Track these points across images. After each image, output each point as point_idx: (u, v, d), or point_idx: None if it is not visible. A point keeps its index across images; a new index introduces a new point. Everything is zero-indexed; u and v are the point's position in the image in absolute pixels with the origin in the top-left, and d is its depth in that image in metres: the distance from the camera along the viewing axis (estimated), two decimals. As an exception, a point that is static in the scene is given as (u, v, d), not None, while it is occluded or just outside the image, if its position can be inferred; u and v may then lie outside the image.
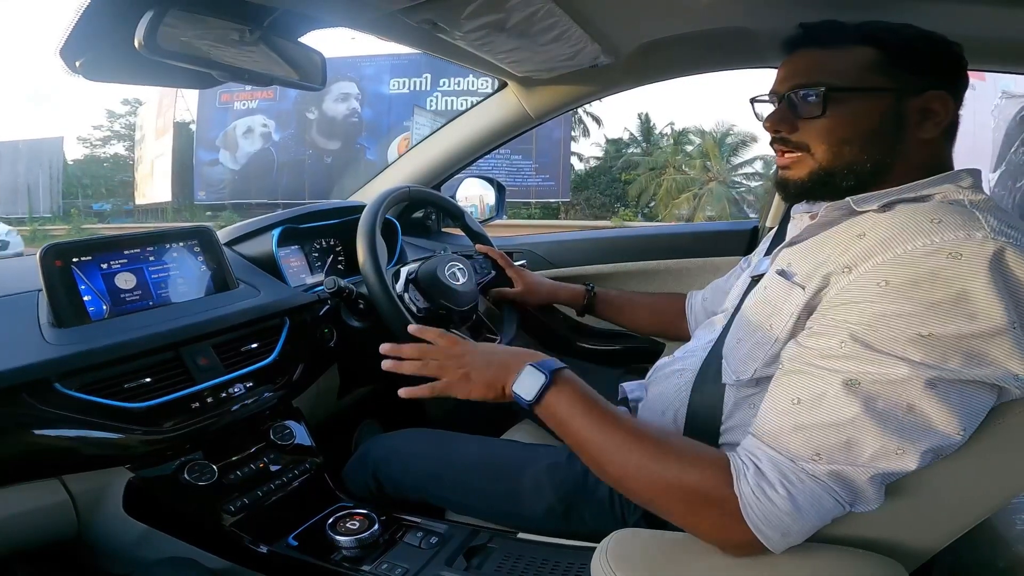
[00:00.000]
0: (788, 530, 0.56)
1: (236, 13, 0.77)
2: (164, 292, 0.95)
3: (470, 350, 0.76)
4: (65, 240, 0.87)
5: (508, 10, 0.86)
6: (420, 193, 1.19)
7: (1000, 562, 0.80)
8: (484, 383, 0.73)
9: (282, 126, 16.50)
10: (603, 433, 0.64)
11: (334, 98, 15.88)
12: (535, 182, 15.40)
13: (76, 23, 0.68)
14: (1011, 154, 0.84)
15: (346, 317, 1.12)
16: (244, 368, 0.96)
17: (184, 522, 0.87)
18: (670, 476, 0.60)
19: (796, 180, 0.69)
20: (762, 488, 0.56)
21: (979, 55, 0.86)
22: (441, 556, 0.81)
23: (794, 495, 0.55)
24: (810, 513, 0.56)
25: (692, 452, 0.62)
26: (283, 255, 1.18)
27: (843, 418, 0.55)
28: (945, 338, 0.53)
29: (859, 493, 0.56)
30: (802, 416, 0.57)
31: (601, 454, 0.64)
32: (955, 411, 0.53)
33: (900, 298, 0.54)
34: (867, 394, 0.54)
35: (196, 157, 16.93)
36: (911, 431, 0.54)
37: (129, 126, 21.83)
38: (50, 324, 0.82)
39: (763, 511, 0.56)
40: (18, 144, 19.10)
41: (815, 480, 0.56)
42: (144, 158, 18.56)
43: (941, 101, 0.64)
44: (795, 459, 0.56)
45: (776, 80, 0.71)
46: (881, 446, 0.54)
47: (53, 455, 0.78)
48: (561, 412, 0.67)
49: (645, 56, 1.15)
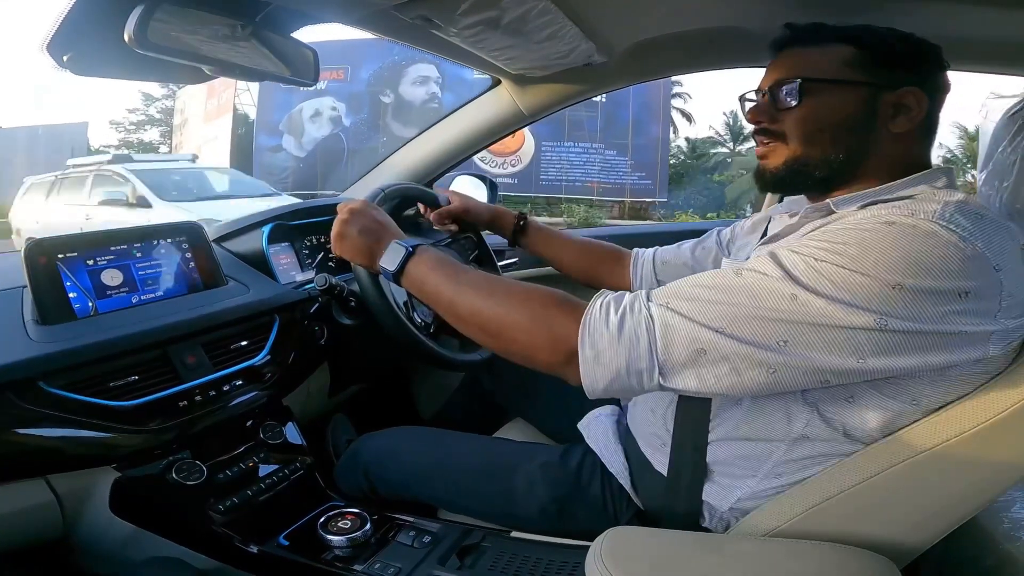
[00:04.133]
0: (600, 354, 0.60)
1: (228, 8, 0.76)
2: (151, 289, 0.94)
3: (354, 219, 0.83)
4: (50, 236, 0.85)
5: (503, 7, 0.86)
6: (401, 189, 1.16)
7: (988, 559, 0.81)
8: (355, 248, 0.83)
9: (353, 110, 14.74)
10: (456, 282, 0.73)
11: (412, 81, 14.30)
12: (631, 180, 14.21)
13: (64, 17, 0.67)
14: (997, 154, 0.85)
15: (337, 315, 1.11)
16: (233, 366, 0.95)
17: (172, 522, 0.85)
18: (529, 288, 0.69)
19: (771, 168, 0.72)
20: (608, 308, 0.62)
21: (962, 56, 0.88)
22: (434, 555, 0.81)
23: (624, 322, 0.60)
24: (624, 347, 0.60)
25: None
26: (273, 252, 1.17)
27: (723, 290, 0.59)
28: (834, 270, 0.56)
29: (671, 352, 0.59)
30: (693, 286, 0.61)
31: (456, 296, 0.72)
32: (815, 344, 0.56)
33: (820, 238, 0.59)
34: (750, 287, 0.58)
35: (256, 142, 15.11)
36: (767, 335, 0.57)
37: (166, 110, 20.20)
38: (35, 321, 0.81)
39: (594, 325, 0.61)
40: (38, 129, 17.46)
41: (649, 318, 0.60)
42: (185, 144, 16.80)
43: (915, 97, 0.66)
44: (651, 297, 0.62)
45: (762, 79, 0.75)
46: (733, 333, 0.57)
47: (38, 455, 0.77)
48: (420, 275, 0.76)
49: (639, 54, 1.16)
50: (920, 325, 0.54)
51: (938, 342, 0.55)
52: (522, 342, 0.66)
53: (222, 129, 15.70)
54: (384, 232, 0.82)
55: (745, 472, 0.70)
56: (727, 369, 0.58)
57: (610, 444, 0.83)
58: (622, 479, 0.80)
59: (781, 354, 0.56)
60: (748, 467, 0.70)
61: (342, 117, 14.76)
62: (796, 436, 0.66)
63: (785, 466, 0.68)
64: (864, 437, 0.64)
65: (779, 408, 0.66)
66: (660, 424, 0.78)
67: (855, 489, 0.62)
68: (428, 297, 0.76)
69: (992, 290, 0.55)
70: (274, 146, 14.98)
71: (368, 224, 0.83)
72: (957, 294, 0.54)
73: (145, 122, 21.31)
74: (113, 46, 0.68)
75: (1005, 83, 7.07)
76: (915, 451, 0.60)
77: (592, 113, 13.02)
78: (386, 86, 14.35)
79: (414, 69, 14.30)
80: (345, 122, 14.74)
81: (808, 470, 0.67)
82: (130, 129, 21.45)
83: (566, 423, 0.94)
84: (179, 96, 17.96)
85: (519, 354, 0.68)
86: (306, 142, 14.84)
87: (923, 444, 0.60)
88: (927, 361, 0.56)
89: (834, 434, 0.64)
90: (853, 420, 0.63)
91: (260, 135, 15.10)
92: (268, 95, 15.01)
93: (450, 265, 0.76)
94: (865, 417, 0.63)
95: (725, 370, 0.58)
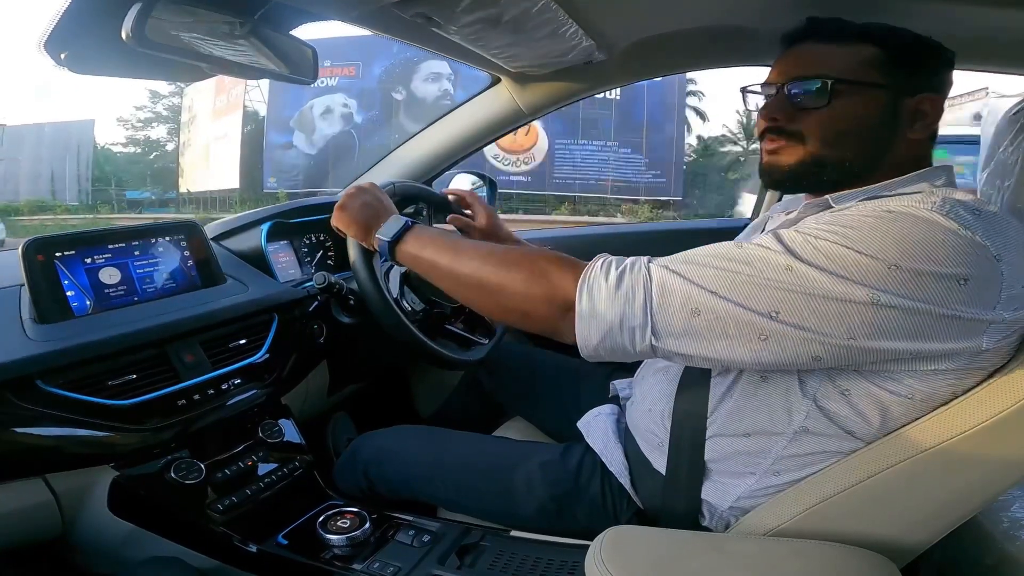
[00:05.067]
0: (595, 305, 0.61)
1: (227, 5, 0.75)
2: (150, 287, 0.93)
3: (359, 193, 0.87)
4: (48, 234, 0.85)
5: (503, 5, 0.85)
6: (409, 188, 1.17)
7: (987, 559, 0.81)
8: (353, 219, 0.85)
9: (365, 107, 14.68)
10: (455, 248, 0.74)
11: (424, 78, 14.26)
12: (646, 178, 14.19)
13: (62, 14, 0.66)
14: (999, 153, 0.85)
15: (336, 313, 1.11)
16: (232, 365, 0.94)
17: (170, 521, 0.85)
18: (528, 249, 0.71)
19: (783, 166, 0.70)
20: (608, 265, 0.63)
21: (963, 56, 0.88)
22: (433, 554, 0.81)
23: (622, 278, 0.61)
24: (619, 301, 0.60)
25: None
26: (272, 250, 1.17)
27: (723, 258, 0.59)
28: (833, 247, 0.56)
29: (666, 310, 0.59)
30: (694, 253, 0.62)
31: (455, 259, 0.73)
32: (806, 314, 0.56)
33: (821, 221, 0.60)
34: (749, 256, 0.59)
35: (267, 139, 15.01)
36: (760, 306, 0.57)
37: (173, 108, 19.84)
38: (32, 320, 0.80)
39: (593, 278, 0.63)
40: (43, 127, 17.55)
41: (647, 276, 0.61)
42: (193, 142, 16.74)
43: (932, 103, 0.66)
44: (653, 260, 0.62)
45: (773, 72, 0.72)
46: (738, 298, 0.57)
47: (36, 454, 0.77)
48: (417, 245, 0.78)
49: (639, 53, 1.15)
50: (914, 303, 0.54)
51: (931, 325, 0.55)
52: (521, 294, 0.67)
53: (231, 126, 15.44)
54: (383, 209, 0.86)
55: (744, 470, 0.70)
56: (719, 331, 0.58)
57: (610, 443, 0.83)
58: (622, 478, 0.80)
59: (772, 321, 0.57)
60: (747, 464, 0.70)
61: (354, 114, 14.61)
62: (796, 429, 0.66)
63: (784, 463, 0.68)
64: (863, 434, 0.64)
65: (778, 400, 0.66)
66: (658, 422, 0.77)
67: (855, 488, 0.62)
68: (425, 266, 0.77)
69: (993, 280, 0.55)
70: (285, 143, 14.78)
71: (370, 200, 0.87)
72: (956, 280, 0.54)
73: (152, 119, 21.06)
74: (111, 44, 0.68)
75: (1006, 83, 7.08)
76: (915, 450, 0.60)
77: (606, 111, 12.92)
78: (398, 83, 14.20)
79: (426, 66, 14.11)
80: (357, 119, 14.61)
81: (807, 468, 0.67)
82: (137, 127, 21.20)
83: (565, 422, 0.94)
84: (187, 93, 17.74)
85: (517, 310, 0.68)
86: (317, 139, 14.69)
87: (923, 443, 0.60)
88: (919, 347, 0.56)
89: (833, 428, 0.64)
90: (850, 413, 0.63)
91: (270, 132, 14.93)
92: (279, 92, 14.80)
93: (448, 235, 0.78)
94: (861, 410, 0.63)
95: (717, 332, 0.58)
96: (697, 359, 0.61)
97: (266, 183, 14.96)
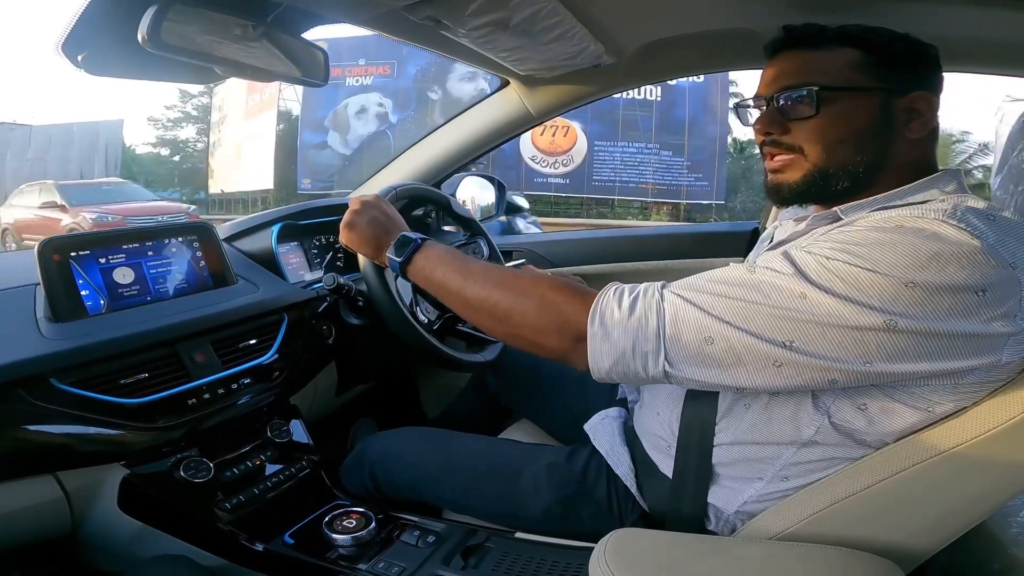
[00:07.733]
0: (608, 331, 0.61)
1: (240, 8, 0.77)
2: (162, 287, 0.94)
3: (364, 210, 0.86)
4: (64, 235, 0.86)
5: (512, 8, 0.86)
6: (411, 189, 1.17)
7: (995, 564, 0.80)
8: (362, 238, 0.84)
9: (400, 106, 14.01)
10: (465, 271, 0.74)
11: (460, 77, 13.59)
12: (687, 181, 13.53)
13: (79, 17, 0.67)
14: (1013, 157, 0.84)
15: (345, 314, 1.11)
16: (242, 365, 0.95)
17: (179, 519, 0.86)
18: (538, 276, 0.71)
19: (790, 183, 0.69)
20: (621, 292, 0.63)
21: (963, 56, 0.87)
22: (438, 555, 0.81)
23: (635, 304, 0.61)
24: (632, 326, 0.60)
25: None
26: (282, 251, 1.18)
27: (735, 285, 0.59)
28: (846, 268, 0.55)
29: (679, 337, 0.59)
30: (707, 281, 0.61)
31: (465, 283, 0.72)
32: (821, 345, 0.55)
33: (832, 239, 0.59)
34: (761, 283, 0.58)
35: (300, 139, 14.45)
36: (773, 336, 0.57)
37: (202, 107, 19.29)
38: (47, 319, 0.81)
39: (605, 304, 0.62)
40: (72, 127, 17.03)
41: (660, 303, 0.60)
42: (224, 141, 16.30)
43: (925, 101, 0.65)
44: (666, 286, 0.61)
45: (761, 84, 0.71)
46: (751, 329, 0.57)
47: (47, 451, 0.77)
48: (428, 266, 0.77)
49: (648, 56, 1.16)
50: (931, 324, 0.54)
51: (949, 346, 0.55)
52: (531, 325, 0.67)
53: (264, 126, 15.10)
54: (392, 225, 0.85)
55: (752, 475, 0.70)
56: (733, 360, 0.58)
57: (616, 446, 0.83)
58: (627, 481, 0.79)
59: (788, 351, 0.56)
60: (755, 470, 0.69)
61: (388, 114, 14.11)
62: (805, 440, 0.65)
63: (792, 469, 0.67)
64: (875, 443, 0.63)
65: (789, 414, 0.66)
66: (666, 427, 0.77)
67: (863, 493, 0.62)
68: (435, 286, 0.76)
69: (1010, 288, 0.54)
70: (319, 143, 14.33)
71: (377, 216, 0.85)
72: (974, 291, 0.53)
73: (182, 119, 20.57)
74: (127, 46, 0.69)
75: (1021, 86, 6.96)
76: (925, 455, 0.60)
77: (647, 112, 12.60)
78: (434, 82, 13.70)
79: (462, 65, 13.61)
80: (392, 119, 14.08)
81: (816, 473, 0.66)
82: (167, 126, 20.75)
83: (572, 424, 0.94)
84: (216, 92, 17.26)
85: (527, 339, 0.68)
86: (352, 139, 14.23)
87: (933, 449, 0.59)
88: (938, 367, 0.56)
89: (844, 439, 0.64)
90: (866, 427, 0.63)
91: (304, 132, 14.48)
92: (312, 90, 13.69)
93: (458, 256, 0.77)
94: (878, 424, 0.62)
95: (731, 360, 0.58)
96: (711, 385, 0.61)
97: (300, 184, 14.52)
